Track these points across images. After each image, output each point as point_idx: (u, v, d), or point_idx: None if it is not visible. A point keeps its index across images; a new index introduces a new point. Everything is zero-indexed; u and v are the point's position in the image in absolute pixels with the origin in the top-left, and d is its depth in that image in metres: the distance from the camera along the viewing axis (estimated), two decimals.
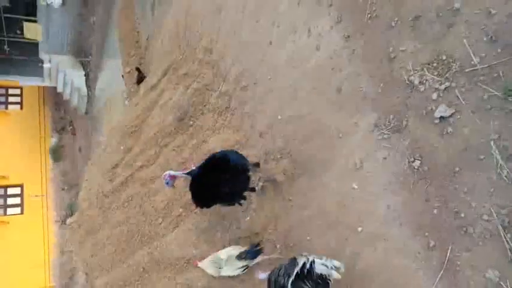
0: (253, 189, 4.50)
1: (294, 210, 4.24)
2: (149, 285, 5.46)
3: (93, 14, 11.67)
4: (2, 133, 16.05)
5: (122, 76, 9.98)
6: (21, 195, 15.92)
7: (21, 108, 17.01)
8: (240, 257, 4.30)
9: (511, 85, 2.67)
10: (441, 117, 3.04)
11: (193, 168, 4.42)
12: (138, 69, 8.20)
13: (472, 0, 2.91)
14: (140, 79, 7.89)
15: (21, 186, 15.96)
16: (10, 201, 15.88)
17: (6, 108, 16.87)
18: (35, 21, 12.08)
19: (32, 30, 12.14)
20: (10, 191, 15.93)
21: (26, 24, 12.03)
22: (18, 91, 16.98)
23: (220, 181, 4.03)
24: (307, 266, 2.99)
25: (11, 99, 17.01)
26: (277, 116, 4.48)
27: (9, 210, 15.77)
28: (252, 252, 4.29)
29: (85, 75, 13.06)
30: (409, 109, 3.28)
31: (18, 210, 15.82)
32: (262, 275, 3.88)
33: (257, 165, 4.53)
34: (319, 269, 3.01)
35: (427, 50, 3.17)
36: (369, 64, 3.60)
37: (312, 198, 4.05)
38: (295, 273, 3.00)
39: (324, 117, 3.97)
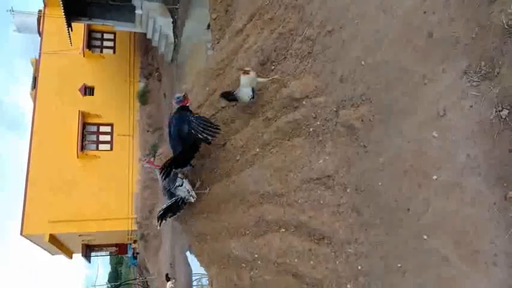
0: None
1: (369, 156, 4.39)
2: (224, 215, 6.07)
3: None
4: (97, 75, 17.81)
5: (208, 25, 10.44)
6: (111, 133, 17.79)
7: (114, 52, 18.61)
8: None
9: None
10: None
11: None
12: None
13: None
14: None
15: (111, 125, 17.80)
16: (102, 138, 17.84)
17: (101, 51, 18.58)
18: None
19: None
20: (102, 128, 17.86)
21: None
22: (112, 36, 18.54)
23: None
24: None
25: (105, 43, 18.66)
26: (361, 62, 4.55)
27: (101, 146, 17.77)
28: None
29: (173, 22, 13.79)
30: (503, 56, 3.19)
31: (108, 146, 17.75)
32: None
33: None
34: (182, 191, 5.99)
35: None
36: (465, 7, 3.50)
37: (389, 146, 4.17)
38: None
39: (410, 63, 3.98)
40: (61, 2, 12.66)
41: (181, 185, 7.27)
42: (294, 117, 5.41)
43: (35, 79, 18.05)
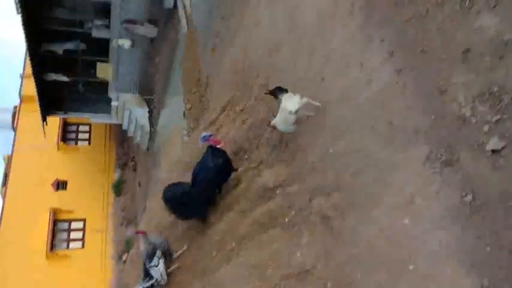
0: None
1: (345, 247, 4.40)
2: None
3: (158, 54, 13.00)
4: (71, 168, 17.81)
5: (184, 113, 10.91)
6: (83, 229, 17.28)
7: (89, 144, 18.86)
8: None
9: None
10: (493, 150, 3.15)
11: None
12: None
13: None
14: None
15: (84, 220, 17.37)
16: (73, 235, 17.28)
17: (76, 144, 18.81)
18: (106, 62, 13.71)
19: (103, 71, 13.76)
20: (74, 225, 17.37)
21: (98, 65, 13.70)
22: (87, 128, 18.92)
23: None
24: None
25: (80, 135, 18.97)
26: (329, 150, 4.77)
27: (72, 244, 17.13)
28: None
29: (148, 112, 14.30)
30: (460, 142, 3.42)
31: (79, 244, 17.12)
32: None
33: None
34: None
35: (478, 82, 3.35)
36: (421, 97, 3.82)
37: (363, 235, 4.20)
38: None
39: (375, 150, 4.20)
40: (37, 97, 13.12)
41: (157, 266, 7.22)
42: (269, 208, 5.47)
43: (6, 176, 17.93)
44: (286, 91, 5.08)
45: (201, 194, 6.38)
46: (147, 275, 7.32)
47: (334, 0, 4.97)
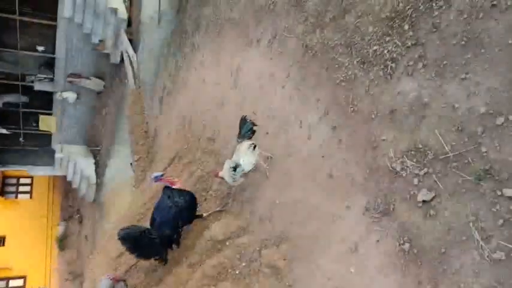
0: None
1: None
2: None
3: (105, 106, 12.66)
4: (10, 223, 16.38)
5: (131, 164, 10.55)
6: (23, 287, 15.74)
7: (31, 197, 17.54)
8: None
9: (479, 171, 2.99)
10: (423, 201, 3.31)
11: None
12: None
13: (438, 96, 3.36)
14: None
15: (24, 277, 15.84)
16: None
17: (16, 197, 17.42)
18: (50, 114, 13.09)
19: (46, 123, 13.09)
20: (12, 283, 15.78)
21: (41, 117, 13.02)
22: (28, 180, 17.65)
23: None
24: None
25: (21, 188, 17.62)
26: (275, 201, 4.78)
27: None
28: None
29: (94, 163, 13.70)
30: (394, 193, 3.57)
31: None
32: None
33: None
34: None
35: (405, 139, 3.56)
36: (355, 152, 3.98)
37: (311, 284, 4.17)
38: None
39: (317, 201, 4.27)
40: None
41: None
42: (219, 261, 5.30)
43: None
44: (249, 137, 4.89)
45: (161, 236, 5.80)
46: None
47: (274, 63, 5.17)
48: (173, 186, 5.82)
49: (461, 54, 3.19)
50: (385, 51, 3.80)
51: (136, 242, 5.71)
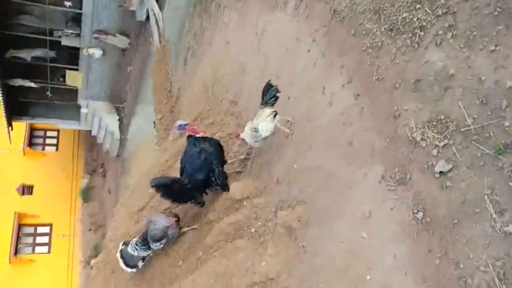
0: None
1: (308, 257, 4.51)
2: None
3: (130, 64, 12.81)
4: (37, 173, 17.18)
5: (154, 123, 10.79)
6: (49, 234, 16.70)
7: (57, 149, 18.24)
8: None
9: (500, 145, 2.99)
10: (441, 172, 3.35)
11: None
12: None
13: (465, 67, 3.31)
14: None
15: (50, 225, 16.78)
16: (39, 239, 16.66)
17: (43, 149, 18.15)
18: (76, 70, 13.36)
19: (73, 78, 13.39)
20: (40, 229, 16.75)
21: (68, 73, 13.32)
22: (55, 133, 18.31)
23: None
24: None
25: (48, 141, 18.33)
26: (293, 165, 4.89)
27: (37, 249, 16.51)
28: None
29: (119, 120, 14.05)
30: (412, 163, 3.62)
31: (45, 249, 16.52)
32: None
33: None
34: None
35: (427, 110, 3.56)
36: (376, 121, 4.00)
37: (325, 246, 4.33)
38: None
39: (335, 168, 4.35)
40: (2, 102, 12.58)
41: (157, 247, 6.73)
42: (236, 219, 5.51)
43: None
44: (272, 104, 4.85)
45: (193, 182, 5.79)
46: (147, 246, 6.73)
47: (300, 26, 5.12)
48: (196, 135, 5.75)
49: (492, 26, 3.11)
50: (415, 19, 3.73)
51: (169, 188, 5.79)
